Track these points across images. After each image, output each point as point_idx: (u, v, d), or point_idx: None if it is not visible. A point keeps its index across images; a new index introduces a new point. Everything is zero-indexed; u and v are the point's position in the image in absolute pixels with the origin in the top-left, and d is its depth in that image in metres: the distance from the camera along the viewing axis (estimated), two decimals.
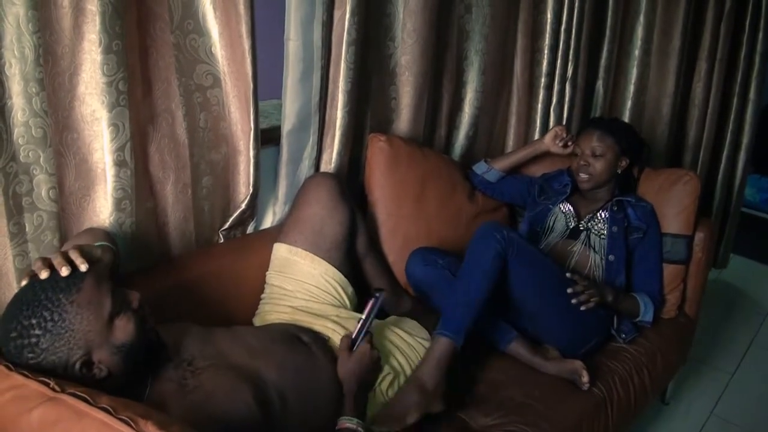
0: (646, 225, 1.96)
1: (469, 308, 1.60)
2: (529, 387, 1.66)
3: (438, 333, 1.57)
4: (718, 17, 2.81)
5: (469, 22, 2.14)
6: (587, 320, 1.81)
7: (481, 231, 1.68)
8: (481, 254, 1.64)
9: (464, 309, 1.60)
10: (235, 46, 1.53)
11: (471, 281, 1.63)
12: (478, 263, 1.64)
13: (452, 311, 1.61)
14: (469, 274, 1.64)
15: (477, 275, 1.63)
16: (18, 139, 1.26)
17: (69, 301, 1.06)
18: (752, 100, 3.04)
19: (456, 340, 1.56)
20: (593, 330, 1.84)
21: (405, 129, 2.06)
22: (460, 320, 1.59)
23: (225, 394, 1.19)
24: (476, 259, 1.65)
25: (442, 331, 1.57)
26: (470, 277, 1.63)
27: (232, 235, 1.76)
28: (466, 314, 1.60)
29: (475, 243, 1.67)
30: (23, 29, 1.20)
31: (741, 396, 2.43)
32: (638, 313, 1.90)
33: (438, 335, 1.57)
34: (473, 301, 1.61)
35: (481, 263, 1.63)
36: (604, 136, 1.94)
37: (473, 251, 1.66)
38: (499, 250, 1.63)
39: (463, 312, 1.60)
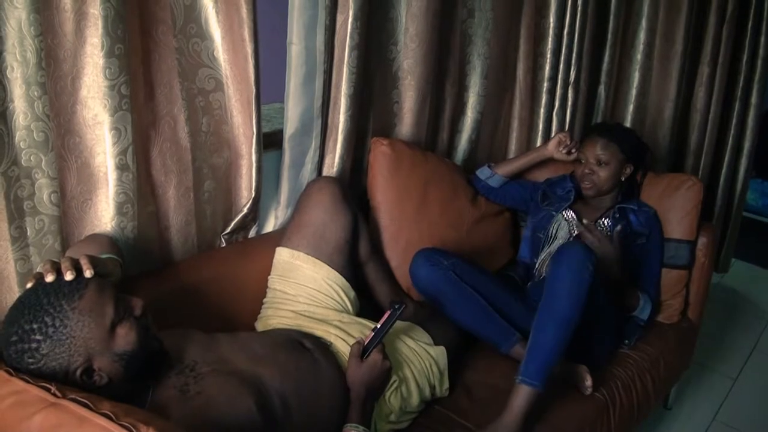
0: (648, 230, 1.95)
1: (558, 352, 1.51)
2: None
3: (525, 381, 1.47)
4: (720, 21, 2.81)
5: (472, 27, 2.14)
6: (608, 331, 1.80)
7: (574, 258, 1.53)
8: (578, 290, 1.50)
9: (554, 353, 1.51)
10: (237, 50, 1.53)
11: (565, 321, 1.50)
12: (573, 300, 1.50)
13: (541, 354, 1.50)
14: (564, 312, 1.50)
15: (572, 315, 1.50)
16: (20, 142, 1.26)
17: (71, 307, 1.06)
18: (754, 105, 3.04)
19: (542, 389, 1.48)
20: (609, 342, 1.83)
21: (407, 133, 2.05)
22: (549, 366, 1.49)
23: (227, 400, 1.18)
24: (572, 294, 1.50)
25: (529, 380, 1.47)
26: (565, 316, 1.50)
27: (234, 240, 1.76)
28: (555, 358, 1.50)
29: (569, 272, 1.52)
30: (25, 33, 1.20)
31: (744, 401, 2.42)
32: (636, 307, 1.89)
33: (524, 384, 1.47)
34: (564, 344, 1.51)
35: (578, 301, 1.50)
36: (608, 144, 1.92)
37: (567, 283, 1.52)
38: (593, 283, 1.51)
39: (552, 356, 1.50)
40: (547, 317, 1.55)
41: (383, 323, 1.42)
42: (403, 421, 1.54)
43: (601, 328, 1.76)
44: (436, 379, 1.61)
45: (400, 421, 1.53)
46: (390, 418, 1.50)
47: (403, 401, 1.52)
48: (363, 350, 1.41)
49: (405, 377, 1.54)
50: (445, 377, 1.64)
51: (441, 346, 1.65)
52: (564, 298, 1.53)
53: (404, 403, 1.52)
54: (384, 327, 1.42)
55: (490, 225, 2.15)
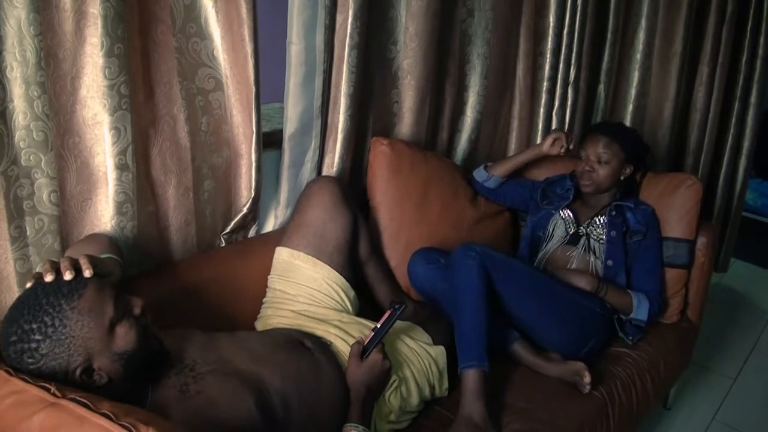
0: (645, 227, 1.95)
1: (477, 331, 1.60)
2: (530, 391, 1.66)
3: (463, 368, 1.57)
4: (720, 21, 2.81)
5: (472, 26, 2.14)
6: (582, 321, 1.80)
7: (456, 255, 1.68)
8: (466, 275, 1.64)
9: (473, 334, 1.60)
10: (237, 49, 1.53)
11: (467, 305, 1.63)
12: (466, 285, 1.64)
13: (465, 342, 1.60)
14: (462, 299, 1.64)
15: (470, 296, 1.63)
16: (19, 142, 1.26)
17: (70, 307, 1.06)
18: (753, 104, 3.04)
19: (482, 366, 1.57)
20: (591, 330, 1.83)
21: (407, 133, 2.05)
22: (476, 346, 1.59)
23: (227, 400, 1.18)
24: (463, 281, 1.64)
25: (465, 365, 1.57)
26: (465, 302, 1.63)
27: (233, 239, 1.76)
28: (478, 337, 1.60)
29: (456, 268, 1.67)
30: (25, 32, 1.20)
31: (743, 401, 2.42)
32: (630, 309, 1.89)
33: (464, 370, 1.57)
34: (477, 322, 1.61)
35: (469, 283, 1.63)
36: (611, 143, 1.92)
37: (457, 277, 1.66)
38: (479, 264, 1.64)
39: (474, 337, 1.60)
40: (455, 310, 1.65)
41: (383, 323, 1.42)
42: (402, 420, 1.54)
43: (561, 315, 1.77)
44: (436, 379, 1.61)
45: (399, 420, 1.53)
46: (390, 418, 1.50)
47: (402, 401, 1.52)
48: (363, 350, 1.41)
49: (405, 377, 1.54)
50: (444, 377, 1.64)
51: (440, 346, 1.65)
52: (458, 287, 1.65)
53: (404, 402, 1.53)
54: (384, 327, 1.42)
55: (490, 225, 2.15)
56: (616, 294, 1.88)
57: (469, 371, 1.56)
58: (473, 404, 1.53)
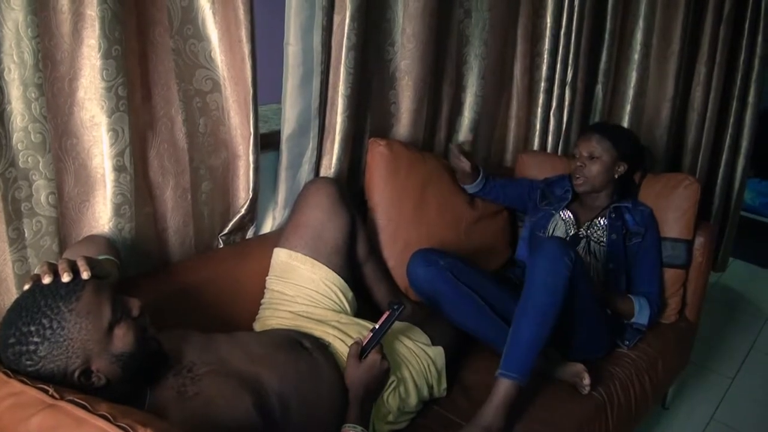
0: (644, 228, 1.95)
1: (536, 344, 1.50)
2: (529, 391, 1.66)
3: (502, 375, 1.48)
4: (717, 21, 2.81)
5: (469, 27, 2.14)
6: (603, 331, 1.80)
7: (550, 251, 1.53)
8: (554, 282, 1.50)
9: (532, 345, 1.50)
10: (234, 50, 1.53)
11: (541, 313, 1.50)
12: (549, 292, 1.50)
13: (519, 347, 1.50)
14: (540, 304, 1.50)
15: (549, 307, 1.50)
16: (17, 144, 1.26)
17: (68, 309, 1.06)
18: (751, 104, 3.05)
19: (522, 381, 1.48)
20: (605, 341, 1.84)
21: (405, 133, 2.05)
22: (526, 359, 1.49)
23: (225, 401, 1.18)
24: (547, 286, 1.50)
25: (506, 373, 1.48)
26: (541, 309, 1.50)
27: (231, 240, 1.76)
28: (534, 351, 1.49)
29: (545, 266, 1.52)
30: (22, 34, 1.20)
31: (741, 400, 2.43)
32: (632, 314, 1.89)
33: (503, 377, 1.48)
34: (543, 337, 1.50)
35: (555, 293, 1.50)
36: (602, 139, 1.94)
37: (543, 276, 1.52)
38: (570, 275, 1.51)
39: (531, 349, 1.50)
40: (525, 310, 1.55)
41: (382, 324, 1.42)
42: (401, 421, 1.54)
43: (594, 327, 1.76)
44: (434, 380, 1.61)
45: (398, 421, 1.53)
46: (388, 419, 1.50)
47: (401, 402, 1.52)
48: (361, 351, 1.41)
49: (403, 378, 1.54)
50: (443, 377, 1.64)
51: (439, 347, 1.65)
52: (540, 289, 1.53)
53: (402, 403, 1.53)
54: (382, 328, 1.42)
55: (488, 225, 2.15)
56: (618, 299, 1.88)
57: (508, 382, 1.48)
58: (497, 416, 1.47)
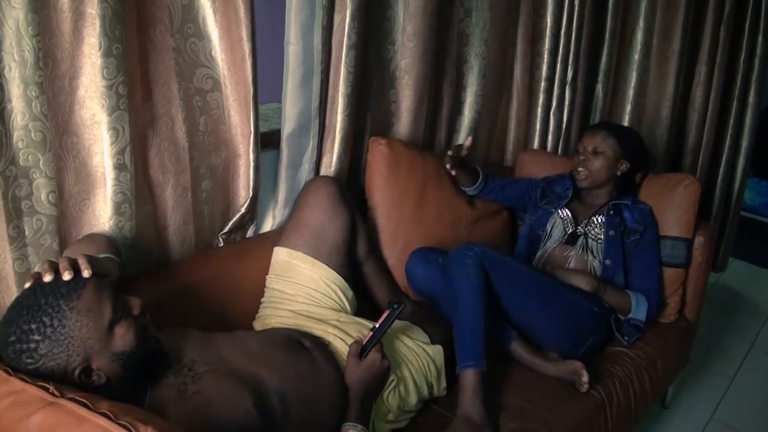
0: (643, 226, 1.96)
1: (475, 330, 1.61)
2: (528, 391, 1.66)
3: (461, 368, 1.58)
4: (718, 21, 2.81)
5: (469, 26, 2.14)
6: (580, 320, 1.80)
7: (454, 255, 1.69)
8: (464, 274, 1.65)
9: (471, 334, 1.60)
10: (235, 49, 1.53)
11: (466, 303, 1.63)
12: (464, 283, 1.64)
13: (463, 341, 1.61)
14: (460, 297, 1.64)
15: (468, 296, 1.63)
16: (17, 142, 1.26)
17: (69, 307, 1.06)
18: (751, 104, 3.04)
19: (480, 365, 1.57)
20: (588, 329, 1.83)
21: (405, 133, 2.06)
22: (474, 345, 1.59)
23: (225, 400, 1.18)
24: (461, 280, 1.65)
25: (463, 364, 1.58)
26: (463, 300, 1.63)
27: (232, 239, 1.76)
28: (476, 337, 1.60)
29: (454, 267, 1.67)
30: (23, 33, 1.20)
31: (741, 400, 2.43)
32: (629, 310, 1.89)
33: (462, 370, 1.57)
34: (476, 321, 1.61)
35: (467, 283, 1.64)
36: (607, 136, 1.96)
37: (455, 275, 1.66)
38: (477, 264, 1.65)
39: (472, 337, 1.60)
40: (453, 309, 1.65)
41: (382, 323, 1.42)
42: (401, 420, 1.54)
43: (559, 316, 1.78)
44: (434, 379, 1.61)
45: (398, 420, 1.53)
46: (388, 418, 1.50)
47: (401, 400, 1.52)
48: (361, 350, 1.41)
49: (403, 376, 1.55)
50: (442, 376, 1.64)
51: (438, 346, 1.65)
52: (456, 286, 1.65)
53: (402, 402, 1.53)
54: (382, 327, 1.42)
55: (488, 224, 2.15)
56: (614, 294, 1.88)
57: (468, 371, 1.56)
58: (472, 404, 1.53)
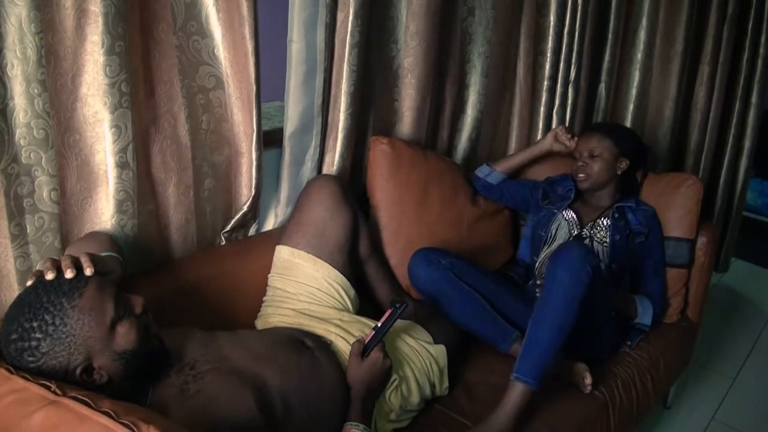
0: (647, 228, 1.95)
1: (553, 350, 1.50)
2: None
3: (519, 378, 1.47)
4: (721, 21, 2.80)
5: (472, 25, 2.14)
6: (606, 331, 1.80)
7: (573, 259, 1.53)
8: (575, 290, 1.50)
9: (549, 351, 1.50)
10: (238, 47, 1.53)
11: (560, 320, 1.50)
12: (569, 300, 1.50)
13: (536, 352, 1.50)
14: (559, 311, 1.50)
15: (568, 314, 1.50)
16: (20, 140, 1.26)
17: (71, 305, 1.05)
18: (754, 104, 3.04)
19: (536, 387, 1.48)
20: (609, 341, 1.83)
21: (407, 131, 2.05)
22: (544, 365, 1.49)
23: (227, 399, 1.18)
24: (568, 294, 1.50)
25: (523, 377, 1.47)
26: (560, 316, 1.50)
27: (234, 238, 1.76)
28: (550, 357, 1.50)
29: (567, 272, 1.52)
30: (26, 30, 1.20)
31: (743, 400, 2.42)
32: (636, 315, 1.89)
33: (518, 381, 1.47)
34: (560, 343, 1.51)
35: (574, 301, 1.50)
36: (602, 138, 1.95)
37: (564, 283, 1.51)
38: (591, 285, 1.52)
39: (547, 355, 1.50)
40: (544, 316, 1.55)
41: (384, 322, 1.42)
42: (403, 419, 1.54)
43: (601, 326, 1.76)
44: (436, 378, 1.61)
45: (400, 419, 1.53)
46: (390, 417, 1.50)
47: (403, 400, 1.52)
48: (363, 349, 1.41)
49: (405, 376, 1.54)
50: (444, 376, 1.63)
51: (441, 345, 1.65)
52: (560, 298, 1.53)
53: (404, 401, 1.52)
54: (385, 326, 1.42)
55: (490, 224, 2.15)
56: (621, 300, 1.88)
57: (524, 386, 1.48)
58: (509, 420, 1.46)
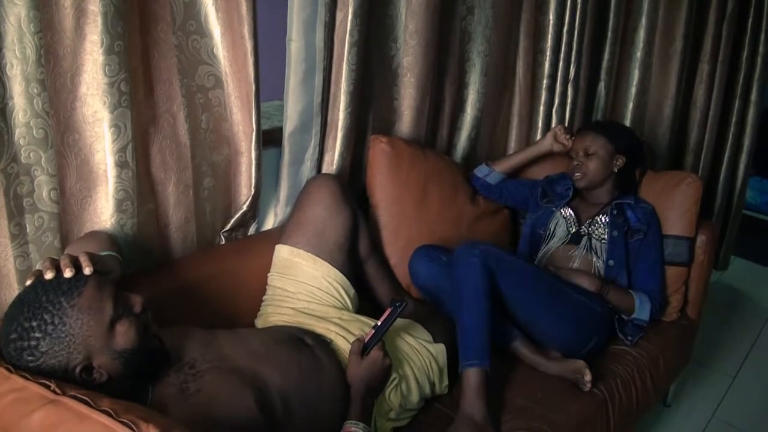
0: (646, 226, 1.95)
1: (479, 330, 1.59)
2: (530, 389, 1.66)
3: (464, 367, 1.57)
4: (720, 19, 2.80)
5: (471, 24, 2.14)
6: (584, 320, 1.80)
7: (459, 253, 1.67)
8: (468, 273, 1.63)
9: (475, 333, 1.59)
10: (237, 47, 1.53)
11: (469, 303, 1.62)
12: (468, 283, 1.62)
13: (466, 340, 1.60)
14: (464, 297, 1.62)
15: (472, 295, 1.62)
16: (19, 140, 1.26)
17: (70, 304, 1.06)
18: (754, 102, 3.04)
19: (483, 365, 1.56)
20: (592, 329, 1.83)
21: (407, 130, 2.05)
22: (477, 345, 1.58)
23: (226, 398, 1.18)
24: (465, 279, 1.63)
25: (466, 363, 1.57)
26: (467, 300, 1.62)
27: (233, 237, 1.76)
28: (480, 336, 1.59)
29: (458, 266, 1.65)
30: (25, 30, 1.20)
31: (742, 398, 2.43)
32: (632, 310, 1.89)
33: (465, 368, 1.56)
34: (479, 321, 1.60)
35: (471, 281, 1.62)
36: (596, 136, 1.96)
37: (459, 274, 1.64)
38: (482, 263, 1.62)
39: (476, 336, 1.59)
40: (457, 308, 1.64)
41: (384, 321, 1.42)
42: (403, 418, 1.54)
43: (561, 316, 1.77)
44: (436, 377, 1.61)
45: (400, 418, 1.53)
46: (390, 416, 1.50)
47: (403, 398, 1.52)
48: (363, 348, 1.41)
49: (405, 375, 1.54)
50: (444, 375, 1.64)
51: (441, 344, 1.65)
52: (461, 285, 1.63)
53: (404, 400, 1.53)
54: (384, 325, 1.42)
55: (490, 222, 2.15)
56: (618, 294, 1.88)
57: (471, 370, 1.56)
58: (474, 403, 1.52)
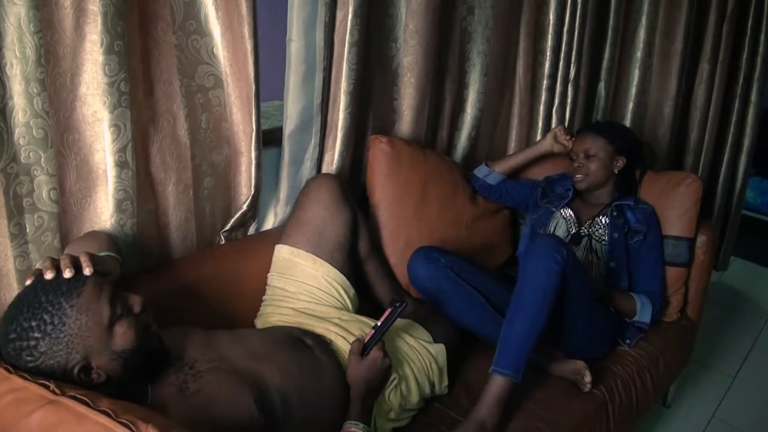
0: (646, 227, 1.95)
1: (528, 341, 1.52)
2: (531, 389, 1.66)
3: (495, 371, 1.50)
4: (720, 19, 2.80)
5: (472, 24, 2.14)
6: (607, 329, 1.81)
7: (541, 249, 1.55)
8: (546, 278, 1.52)
9: (523, 342, 1.52)
10: (237, 47, 1.53)
11: (532, 310, 1.52)
12: (539, 289, 1.52)
13: (510, 344, 1.52)
14: (527, 299, 1.52)
15: (539, 303, 1.51)
16: (19, 139, 1.26)
17: (69, 305, 1.05)
18: (754, 103, 3.04)
19: (516, 377, 1.49)
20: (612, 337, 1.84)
21: (407, 130, 2.05)
22: (519, 357, 1.50)
23: (226, 399, 1.18)
24: (535, 280, 1.52)
25: (499, 370, 1.50)
26: (532, 305, 1.52)
27: (233, 237, 1.76)
28: (525, 348, 1.51)
29: (536, 264, 1.54)
30: (24, 29, 1.20)
31: (742, 399, 2.43)
32: (634, 313, 1.89)
33: (496, 373, 1.50)
34: (534, 333, 1.52)
35: (544, 290, 1.52)
36: (596, 137, 1.96)
37: (534, 273, 1.53)
38: (563, 273, 1.53)
39: (522, 346, 1.51)
40: (516, 307, 1.57)
41: (383, 321, 1.42)
42: (403, 418, 1.54)
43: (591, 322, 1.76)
44: (436, 377, 1.61)
45: (399, 418, 1.53)
46: (390, 416, 1.50)
47: (402, 399, 1.52)
48: (363, 348, 1.41)
49: (405, 375, 1.54)
50: (444, 375, 1.64)
51: (440, 344, 1.65)
52: (530, 287, 1.55)
53: (404, 400, 1.52)
54: (384, 325, 1.42)
55: (490, 222, 2.15)
56: (620, 298, 1.88)
57: (502, 378, 1.50)
58: (492, 411, 1.48)
